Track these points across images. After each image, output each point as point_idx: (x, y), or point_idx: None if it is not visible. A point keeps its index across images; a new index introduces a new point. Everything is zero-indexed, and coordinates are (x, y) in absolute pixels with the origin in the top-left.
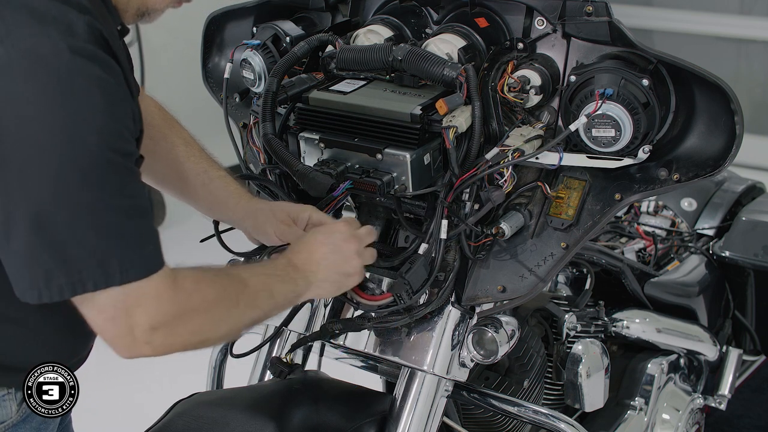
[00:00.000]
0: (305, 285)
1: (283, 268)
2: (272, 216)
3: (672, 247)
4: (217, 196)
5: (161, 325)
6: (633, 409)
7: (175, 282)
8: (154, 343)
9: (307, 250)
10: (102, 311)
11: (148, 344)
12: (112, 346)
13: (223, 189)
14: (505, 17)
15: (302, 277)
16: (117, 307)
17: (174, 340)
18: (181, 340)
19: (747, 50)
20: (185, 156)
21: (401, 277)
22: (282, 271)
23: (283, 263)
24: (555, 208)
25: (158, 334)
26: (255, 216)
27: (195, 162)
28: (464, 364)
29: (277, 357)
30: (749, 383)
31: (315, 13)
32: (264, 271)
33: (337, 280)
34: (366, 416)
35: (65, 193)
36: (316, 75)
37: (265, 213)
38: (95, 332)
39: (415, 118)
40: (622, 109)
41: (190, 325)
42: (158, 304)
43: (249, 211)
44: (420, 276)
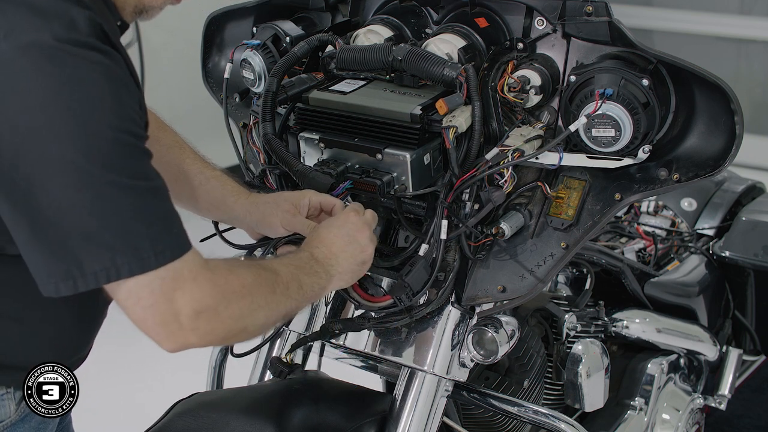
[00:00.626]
0: (327, 278)
1: (307, 261)
2: (276, 207)
3: (672, 247)
4: (215, 195)
5: (205, 308)
6: (633, 409)
7: (207, 264)
8: (200, 330)
9: (325, 245)
10: (140, 298)
11: (194, 331)
12: (155, 337)
13: (221, 188)
14: (505, 17)
15: (324, 270)
16: (155, 293)
17: (217, 326)
18: (224, 327)
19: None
20: (179, 158)
21: (401, 279)
22: (306, 264)
23: (306, 257)
24: (555, 208)
25: (203, 319)
26: (259, 210)
27: (189, 164)
28: (464, 364)
29: (277, 357)
30: (749, 383)
31: (315, 13)
32: (291, 263)
33: (355, 270)
34: (366, 416)
35: (86, 178)
36: (316, 75)
37: (269, 206)
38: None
39: (415, 118)
40: (622, 109)
41: (231, 309)
42: (197, 285)
43: (251, 206)
44: (420, 278)
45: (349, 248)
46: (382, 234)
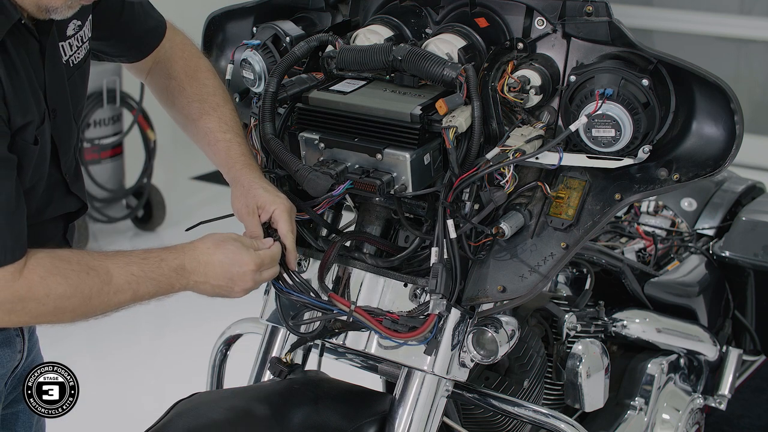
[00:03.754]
0: (180, 289)
1: (168, 272)
2: (242, 196)
3: (672, 247)
4: (217, 158)
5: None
6: (633, 409)
7: (20, 273)
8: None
9: (203, 268)
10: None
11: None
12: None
13: (224, 152)
14: (505, 17)
15: (182, 285)
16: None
17: (14, 318)
18: (20, 320)
19: (747, 50)
20: (198, 114)
21: (434, 292)
22: (164, 275)
23: (173, 267)
24: (555, 208)
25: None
26: (234, 188)
27: (205, 121)
28: (464, 364)
29: (277, 357)
30: (749, 383)
31: (315, 13)
32: (139, 271)
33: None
34: (366, 416)
35: None
36: (316, 75)
37: (239, 189)
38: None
39: (415, 118)
40: (622, 109)
41: (28, 310)
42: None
43: (232, 181)
44: (447, 283)
45: (223, 283)
46: (381, 234)
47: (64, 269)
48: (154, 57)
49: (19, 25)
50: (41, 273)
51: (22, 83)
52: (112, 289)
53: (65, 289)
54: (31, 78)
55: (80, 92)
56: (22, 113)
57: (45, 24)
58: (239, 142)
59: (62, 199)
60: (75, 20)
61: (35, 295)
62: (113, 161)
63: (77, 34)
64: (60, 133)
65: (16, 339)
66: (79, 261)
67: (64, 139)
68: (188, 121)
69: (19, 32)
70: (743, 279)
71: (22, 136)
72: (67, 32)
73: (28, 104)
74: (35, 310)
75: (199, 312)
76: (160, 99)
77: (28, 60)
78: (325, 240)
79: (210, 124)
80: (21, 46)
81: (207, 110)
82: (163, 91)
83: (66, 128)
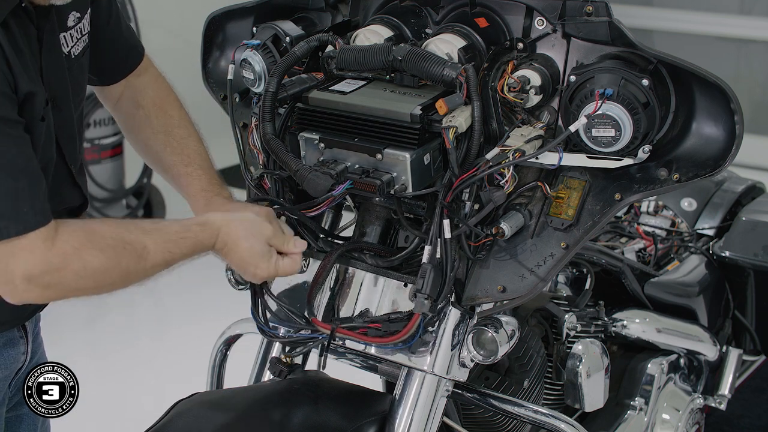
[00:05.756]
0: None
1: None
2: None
3: (672, 247)
4: (182, 191)
5: (33, 277)
6: (633, 409)
7: (52, 242)
8: (33, 292)
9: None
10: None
11: (27, 292)
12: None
13: (187, 187)
14: (505, 17)
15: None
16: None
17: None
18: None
19: (747, 50)
20: (162, 147)
21: (419, 293)
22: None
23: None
24: (555, 208)
25: (33, 285)
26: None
27: (168, 154)
28: (464, 364)
29: (277, 357)
30: (749, 383)
31: (315, 13)
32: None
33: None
34: (366, 416)
35: None
36: (316, 75)
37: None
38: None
39: (415, 118)
40: (622, 109)
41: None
42: (30, 257)
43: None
44: (435, 284)
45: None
46: (382, 234)
47: (98, 242)
48: (126, 83)
49: (19, 8)
50: (75, 244)
51: (26, 63)
52: (149, 264)
53: (102, 263)
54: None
55: (80, 84)
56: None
57: (44, 10)
58: (199, 174)
59: (67, 190)
60: (75, 12)
61: (71, 266)
62: (113, 161)
63: (77, 26)
64: (60, 121)
65: (19, 341)
66: (113, 235)
67: (65, 127)
68: (152, 153)
69: (20, 16)
70: (743, 279)
71: (30, 109)
72: (68, 23)
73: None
74: (74, 283)
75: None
76: (124, 128)
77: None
78: (325, 241)
79: (173, 157)
80: (22, 28)
81: (170, 143)
82: (130, 120)
83: (67, 116)
